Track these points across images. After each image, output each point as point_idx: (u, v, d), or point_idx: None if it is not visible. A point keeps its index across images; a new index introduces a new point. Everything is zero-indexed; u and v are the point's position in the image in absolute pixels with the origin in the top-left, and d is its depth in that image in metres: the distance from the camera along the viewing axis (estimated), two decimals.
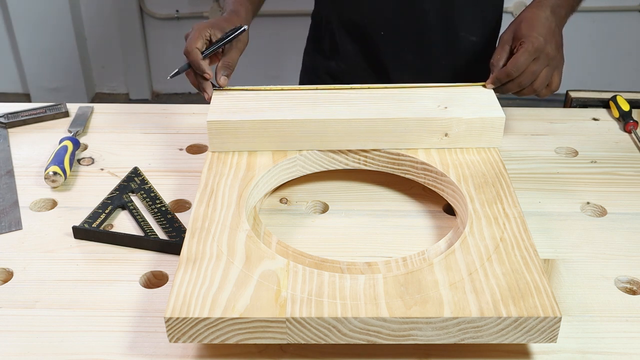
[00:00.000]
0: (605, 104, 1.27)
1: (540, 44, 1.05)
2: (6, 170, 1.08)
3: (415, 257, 0.86)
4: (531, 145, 1.14)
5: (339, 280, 0.76)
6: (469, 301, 0.73)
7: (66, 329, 0.79)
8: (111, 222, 0.96)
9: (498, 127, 1.00)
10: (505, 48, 1.08)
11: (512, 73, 1.04)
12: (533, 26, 1.07)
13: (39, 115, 1.22)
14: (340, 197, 1.02)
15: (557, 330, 0.73)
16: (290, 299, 0.74)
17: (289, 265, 0.79)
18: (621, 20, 2.98)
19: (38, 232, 0.95)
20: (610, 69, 3.09)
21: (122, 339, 0.78)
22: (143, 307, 0.82)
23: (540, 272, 0.77)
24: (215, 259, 0.80)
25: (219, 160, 0.99)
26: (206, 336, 0.73)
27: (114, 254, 0.91)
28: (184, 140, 1.17)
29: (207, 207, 0.89)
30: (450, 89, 1.07)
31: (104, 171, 1.08)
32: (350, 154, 1.02)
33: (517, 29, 1.08)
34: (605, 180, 1.05)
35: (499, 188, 0.92)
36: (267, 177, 0.97)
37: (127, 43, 3.05)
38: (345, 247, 0.92)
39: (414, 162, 1.00)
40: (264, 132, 0.99)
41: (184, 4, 2.98)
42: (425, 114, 1.00)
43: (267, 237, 0.90)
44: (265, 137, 0.99)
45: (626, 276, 0.87)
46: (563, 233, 0.94)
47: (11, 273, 0.88)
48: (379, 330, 0.72)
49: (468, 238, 0.83)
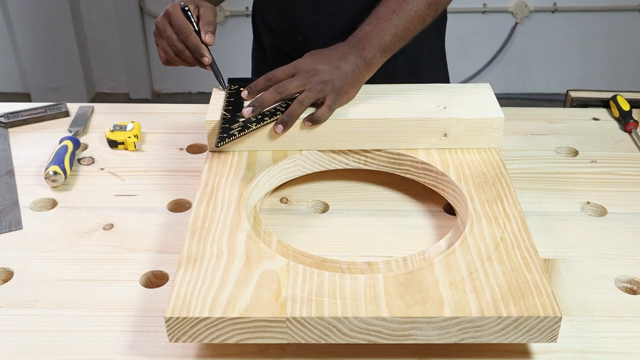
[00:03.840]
0: (606, 104, 1.27)
1: (297, 61, 1.01)
2: (6, 170, 1.08)
3: (416, 257, 0.86)
4: (531, 145, 1.14)
5: (339, 280, 0.76)
6: (469, 301, 0.73)
7: (66, 329, 0.79)
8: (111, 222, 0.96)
9: (497, 127, 1.00)
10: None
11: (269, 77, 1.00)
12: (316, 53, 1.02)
13: (39, 115, 1.22)
14: (341, 196, 1.02)
15: (558, 330, 0.73)
16: (291, 299, 0.74)
17: (289, 265, 0.79)
18: (621, 20, 2.99)
19: (38, 232, 0.95)
20: (611, 69, 3.09)
21: (122, 338, 0.78)
22: (143, 307, 0.82)
23: (541, 272, 0.77)
24: (216, 258, 0.80)
25: (219, 159, 0.99)
26: (206, 336, 0.73)
27: (114, 254, 0.91)
28: (184, 140, 1.17)
29: (207, 207, 0.89)
30: (450, 89, 1.07)
31: (104, 171, 1.08)
32: (350, 154, 1.02)
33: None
34: (605, 180, 1.05)
35: (499, 188, 0.92)
36: (267, 176, 0.97)
37: (127, 43, 3.05)
38: (345, 246, 0.92)
39: (415, 161, 1.00)
40: (263, 131, 0.99)
41: None
42: (424, 114, 1.00)
43: (267, 236, 0.90)
44: (264, 137, 0.99)
45: (626, 276, 0.87)
46: (563, 233, 0.94)
47: (11, 273, 0.88)
48: (379, 330, 0.72)
49: (468, 238, 0.83)
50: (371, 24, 1.03)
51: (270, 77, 1.00)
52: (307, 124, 0.98)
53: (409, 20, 1.03)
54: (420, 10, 1.04)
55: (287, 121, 0.97)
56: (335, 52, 1.01)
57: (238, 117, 0.99)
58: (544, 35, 3.02)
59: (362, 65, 1.01)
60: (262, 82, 1.01)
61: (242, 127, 0.97)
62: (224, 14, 2.96)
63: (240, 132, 0.97)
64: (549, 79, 3.12)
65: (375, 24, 1.03)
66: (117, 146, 1.14)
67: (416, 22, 1.05)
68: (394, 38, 1.03)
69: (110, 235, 0.94)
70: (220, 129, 0.97)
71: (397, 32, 1.03)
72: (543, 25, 3.00)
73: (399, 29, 1.03)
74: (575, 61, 3.08)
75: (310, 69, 0.99)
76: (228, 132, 0.97)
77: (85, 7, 3.01)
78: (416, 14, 1.04)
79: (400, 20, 1.03)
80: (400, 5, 1.03)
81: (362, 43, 1.02)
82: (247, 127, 0.97)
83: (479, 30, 2.96)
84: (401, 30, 1.03)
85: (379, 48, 1.02)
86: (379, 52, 1.02)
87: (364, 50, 1.01)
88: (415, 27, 1.05)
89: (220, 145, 0.96)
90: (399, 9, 1.03)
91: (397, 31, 1.03)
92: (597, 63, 3.08)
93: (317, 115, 0.98)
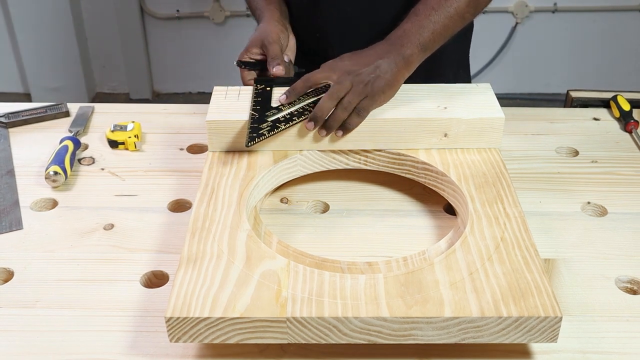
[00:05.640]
0: (606, 104, 1.27)
1: (333, 61, 1.00)
2: (7, 170, 1.08)
3: (416, 257, 0.86)
4: (532, 145, 1.14)
5: (340, 280, 0.76)
6: (469, 301, 0.73)
7: (66, 329, 0.79)
8: (112, 222, 0.96)
9: (498, 127, 1.00)
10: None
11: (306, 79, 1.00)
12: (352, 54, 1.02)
13: (39, 115, 1.22)
14: (341, 196, 1.02)
15: (558, 330, 0.73)
16: (291, 299, 0.74)
17: (290, 265, 0.79)
18: (621, 20, 2.98)
19: (39, 232, 0.95)
20: (611, 69, 3.09)
21: (122, 338, 0.78)
22: (143, 307, 0.82)
23: (541, 272, 0.77)
24: (216, 258, 0.80)
25: (220, 160, 0.99)
26: (207, 336, 0.73)
27: (115, 254, 0.91)
28: (184, 140, 1.17)
29: (207, 207, 0.89)
30: (450, 89, 1.07)
31: (105, 171, 1.08)
32: (350, 154, 1.01)
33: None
34: (605, 180, 1.05)
35: (499, 188, 0.92)
36: (267, 176, 0.97)
37: (127, 43, 3.05)
38: (345, 246, 0.92)
39: (415, 161, 1.00)
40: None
41: (185, 4, 2.98)
42: (424, 114, 1.00)
43: (267, 236, 0.90)
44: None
45: (627, 276, 0.87)
46: (564, 233, 0.94)
47: (12, 273, 0.88)
48: (379, 330, 0.72)
49: (469, 238, 0.83)
50: (410, 21, 1.02)
51: (307, 78, 1.00)
52: (338, 134, 0.98)
53: (448, 17, 1.02)
54: (460, 7, 1.03)
55: (331, 126, 0.97)
56: (374, 52, 1.00)
57: (266, 117, 0.98)
58: (544, 35, 3.02)
59: (401, 63, 0.99)
60: (300, 85, 1.00)
61: (272, 126, 0.97)
62: (224, 14, 2.96)
63: (269, 132, 0.96)
64: (549, 79, 3.12)
65: (414, 21, 1.02)
66: (117, 146, 1.14)
67: (456, 20, 1.03)
68: (433, 35, 1.02)
69: (111, 235, 0.94)
70: (249, 129, 0.96)
71: (436, 30, 1.02)
72: (543, 25, 3.00)
73: (438, 27, 1.02)
74: (575, 61, 3.08)
75: (350, 70, 0.98)
76: (258, 131, 0.96)
77: (85, 7, 3.01)
78: (456, 11, 1.03)
79: (440, 18, 1.02)
80: (439, 3, 1.02)
81: (400, 40, 1.01)
82: (277, 126, 0.97)
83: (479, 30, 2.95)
84: (440, 28, 1.02)
85: (418, 45, 1.00)
86: (418, 49, 1.01)
87: (403, 47, 1.00)
88: (454, 24, 1.04)
89: (251, 144, 0.95)
90: (438, 6, 1.02)
91: (436, 28, 1.02)
92: (597, 63, 3.08)
93: (348, 123, 0.98)
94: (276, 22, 1.12)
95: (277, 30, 1.10)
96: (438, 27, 1.02)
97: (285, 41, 1.11)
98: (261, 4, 1.18)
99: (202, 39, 3.04)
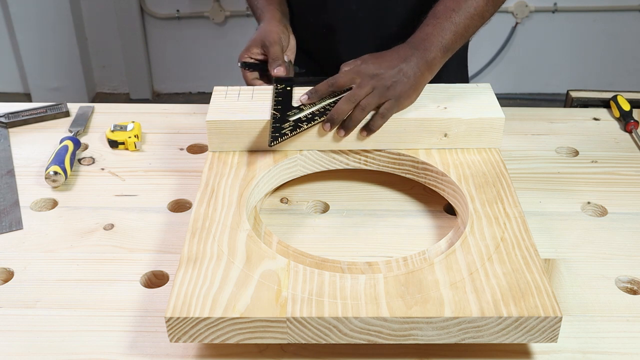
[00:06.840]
0: (606, 104, 1.27)
1: (356, 64, 0.99)
2: (7, 170, 1.08)
3: (416, 257, 0.86)
4: (532, 145, 1.14)
5: (340, 280, 0.76)
6: (469, 301, 0.73)
7: (66, 329, 0.79)
8: (112, 222, 0.96)
9: (498, 127, 1.00)
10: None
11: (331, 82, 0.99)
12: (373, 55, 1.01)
13: (39, 115, 1.22)
14: (341, 196, 1.02)
15: (558, 330, 0.73)
16: (291, 299, 0.74)
17: (290, 265, 0.79)
18: (621, 20, 2.98)
19: (39, 232, 0.95)
20: (611, 69, 3.09)
21: (122, 338, 0.78)
22: (143, 307, 0.82)
23: (541, 272, 0.77)
24: (216, 258, 0.80)
25: (220, 160, 0.99)
26: (207, 336, 0.73)
27: (115, 254, 0.91)
28: (184, 140, 1.17)
29: (207, 207, 0.89)
30: (450, 89, 1.07)
31: (105, 171, 1.08)
32: (350, 154, 1.01)
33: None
34: (605, 180, 1.05)
35: (499, 188, 0.92)
36: (267, 176, 0.97)
37: (127, 43, 3.05)
38: (345, 246, 0.92)
39: (415, 161, 1.00)
40: (263, 131, 0.99)
41: (185, 4, 2.98)
42: (424, 114, 1.00)
43: (267, 236, 0.90)
44: (265, 137, 0.99)
45: (627, 276, 0.87)
46: (564, 233, 0.94)
47: (12, 273, 0.88)
48: (379, 330, 0.72)
49: (469, 238, 0.83)
50: (430, 24, 1.02)
51: (332, 82, 0.99)
52: (362, 134, 0.98)
53: (469, 17, 1.02)
54: (479, 6, 1.03)
55: (349, 127, 0.97)
56: (397, 55, 1.00)
57: (288, 117, 0.98)
58: (544, 35, 3.02)
59: (424, 66, 0.99)
60: (324, 87, 0.99)
61: (294, 126, 0.97)
62: (224, 14, 2.96)
63: (292, 132, 0.96)
64: (549, 79, 3.12)
65: (434, 24, 1.01)
66: (117, 146, 1.14)
67: (476, 19, 1.03)
68: (455, 37, 1.01)
69: (111, 236, 0.94)
70: (271, 129, 0.97)
71: (457, 31, 1.01)
72: (543, 25, 3.00)
73: (459, 27, 1.01)
74: (575, 61, 3.08)
75: (373, 73, 0.98)
76: (280, 131, 0.96)
77: (85, 7, 3.01)
78: (476, 10, 1.02)
79: (461, 18, 1.02)
80: (459, 3, 1.02)
81: (423, 44, 1.00)
82: (299, 126, 0.97)
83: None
84: (462, 29, 1.02)
85: (441, 48, 1.00)
86: (441, 52, 1.01)
87: (426, 51, 1.00)
88: (475, 24, 1.04)
89: (274, 144, 0.95)
90: (457, 7, 1.02)
91: (457, 29, 1.01)
92: (597, 63, 3.08)
93: (371, 125, 0.98)
94: (277, 22, 1.12)
95: (278, 30, 1.10)
96: (459, 29, 1.02)
97: (286, 42, 1.11)
98: (262, 3, 1.18)
99: (202, 39, 3.04)
